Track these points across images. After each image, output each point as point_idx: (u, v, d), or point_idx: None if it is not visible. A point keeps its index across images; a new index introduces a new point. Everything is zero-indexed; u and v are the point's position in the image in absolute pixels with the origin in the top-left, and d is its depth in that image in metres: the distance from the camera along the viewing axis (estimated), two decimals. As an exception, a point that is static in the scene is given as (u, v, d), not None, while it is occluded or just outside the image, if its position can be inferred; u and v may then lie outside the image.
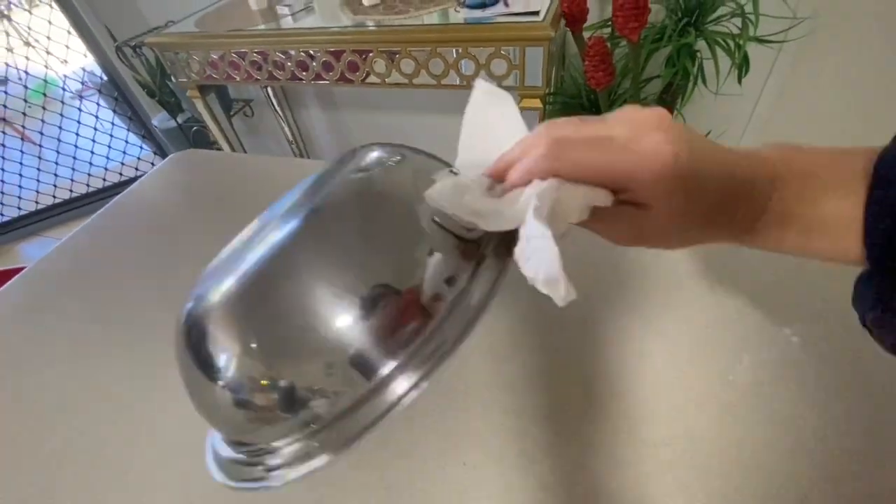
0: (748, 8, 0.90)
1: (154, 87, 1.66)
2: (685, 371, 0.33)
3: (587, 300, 0.36)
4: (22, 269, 0.54)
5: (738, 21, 0.91)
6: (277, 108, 1.80)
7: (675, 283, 0.39)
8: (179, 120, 1.73)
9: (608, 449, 0.30)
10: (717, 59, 0.92)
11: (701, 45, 0.96)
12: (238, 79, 1.31)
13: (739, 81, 1.00)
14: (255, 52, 1.22)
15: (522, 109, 1.10)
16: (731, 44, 0.92)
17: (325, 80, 1.22)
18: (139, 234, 0.57)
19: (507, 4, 1.06)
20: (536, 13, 0.99)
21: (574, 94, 1.20)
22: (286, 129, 1.86)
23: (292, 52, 1.19)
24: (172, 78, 1.42)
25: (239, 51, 1.24)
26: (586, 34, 1.03)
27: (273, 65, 1.23)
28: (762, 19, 0.91)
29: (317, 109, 1.83)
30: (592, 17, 1.12)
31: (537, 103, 1.08)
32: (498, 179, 0.21)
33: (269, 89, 1.72)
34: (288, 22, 1.22)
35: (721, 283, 0.38)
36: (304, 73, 1.22)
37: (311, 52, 1.17)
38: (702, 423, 0.31)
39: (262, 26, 1.23)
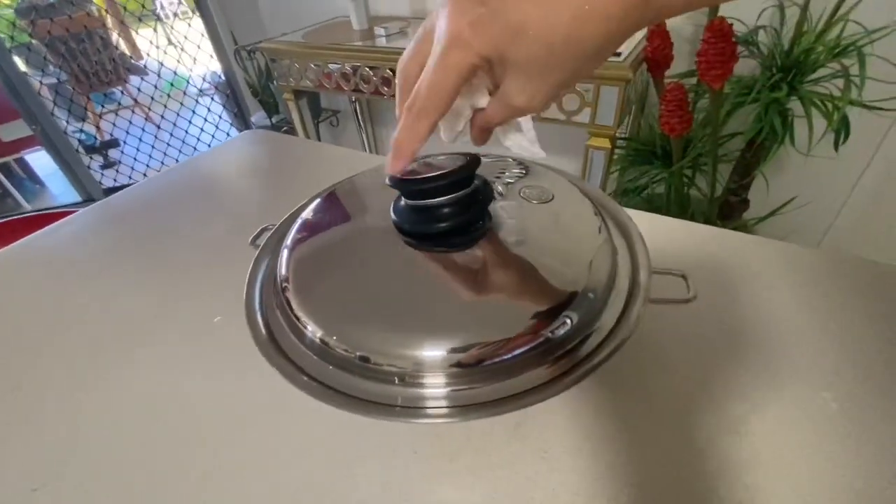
0: (854, 70, 0.83)
1: (258, 88, 1.85)
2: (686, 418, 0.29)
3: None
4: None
5: (840, 82, 0.84)
6: (360, 122, 1.92)
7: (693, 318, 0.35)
8: (273, 120, 1.90)
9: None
10: (812, 119, 0.85)
11: (794, 104, 0.90)
12: (328, 87, 1.42)
13: (836, 148, 0.92)
14: (348, 66, 1.32)
15: (590, 148, 1.09)
16: (830, 105, 0.85)
17: (404, 97, 1.29)
18: (201, 190, 0.64)
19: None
20: (619, 54, 0.98)
21: (649, 141, 1.16)
22: (365, 142, 1.98)
23: (380, 69, 1.28)
24: (275, 81, 1.58)
25: (334, 62, 1.35)
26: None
27: (361, 78, 1.33)
28: (874, 85, 0.83)
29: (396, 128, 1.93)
30: (680, 66, 1.09)
31: (606, 143, 1.06)
32: None
33: (357, 104, 1.85)
34: (382, 42, 1.32)
35: (743, 330, 0.33)
36: (386, 89, 1.30)
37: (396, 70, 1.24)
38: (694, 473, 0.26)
39: (359, 43, 1.33)
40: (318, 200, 0.35)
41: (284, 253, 0.29)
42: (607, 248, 0.27)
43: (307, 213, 0.33)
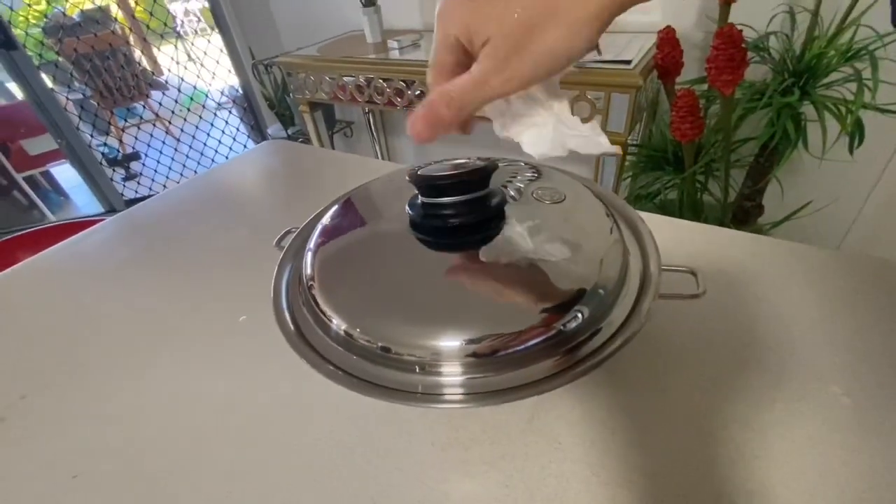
0: (867, 74, 0.83)
1: (275, 101, 1.90)
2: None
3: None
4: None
5: (853, 86, 0.84)
6: (374, 133, 1.96)
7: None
8: (289, 132, 1.95)
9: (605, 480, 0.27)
10: (825, 123, 0.85)
11: (806, 108, 0.90)
12: (343, 99, 1.46)
13: (851, 151, 0.91)
14: (362, 78, 1.36)
15: (602, 154, 1.10)
16: (843, 109, 0.85)
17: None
18: (222, 199, 0.66)
19: (599, 52, 1.08)
20: (628, 62, 0.99)
21: (660, 147, 1.16)
22: (378, 152, 2.02)
23: (393, 81, 1.31)
24: (291, 94, 1.63)
25: (348, 75, 1.38)
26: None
27: (374, 90, 1.36)
28: (888, 88, 0.83)
29: (408, 138, 1.95)
30: (690, 73, 1.10)
31: (617, 150, 1.06)
32: None
33: (370, 116, 1.89)
34: (395, 54, 1.35)
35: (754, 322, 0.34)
36: (398, 100, 1.33)
37: (409, 82, 1.28)
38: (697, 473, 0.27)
39: (373, 56, 1.37)
40: (337, 205, 0.37)
41: (308, 254, 0.31)
42: (618, 245, 0.28)
43: (327, 217, 0.35)
